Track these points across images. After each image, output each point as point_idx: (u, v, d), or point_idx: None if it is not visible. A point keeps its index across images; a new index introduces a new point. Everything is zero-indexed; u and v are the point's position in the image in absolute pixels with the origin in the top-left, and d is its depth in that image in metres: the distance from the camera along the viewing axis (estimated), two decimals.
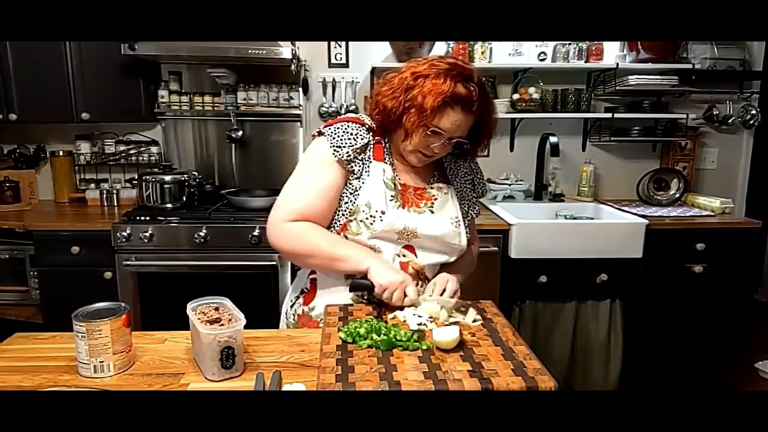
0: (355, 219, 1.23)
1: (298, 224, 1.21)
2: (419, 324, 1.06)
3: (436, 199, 1.30)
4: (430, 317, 1.09)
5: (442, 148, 1.22)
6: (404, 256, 1.26)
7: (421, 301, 1.16)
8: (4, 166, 2.73)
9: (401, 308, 1.15)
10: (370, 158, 1.26)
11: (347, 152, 1.22)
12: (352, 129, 1.24)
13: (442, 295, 1.19)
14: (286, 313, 1.38)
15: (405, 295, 1.15)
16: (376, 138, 1.28)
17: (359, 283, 1.18)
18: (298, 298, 1.35)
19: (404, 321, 1.10)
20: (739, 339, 2.61)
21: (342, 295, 1.26)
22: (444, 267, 1.34)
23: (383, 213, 1.22)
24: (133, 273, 2.27)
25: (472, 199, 1.40)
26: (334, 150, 1.22)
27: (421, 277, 1.27)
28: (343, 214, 1.25)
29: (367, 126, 1.27)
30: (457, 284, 1.23)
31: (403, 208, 1.25)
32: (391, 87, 1.21)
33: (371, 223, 1.22)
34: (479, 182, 1.43)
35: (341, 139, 1.22)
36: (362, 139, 1.24)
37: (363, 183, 1.24)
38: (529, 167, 2.88)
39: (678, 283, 2.43)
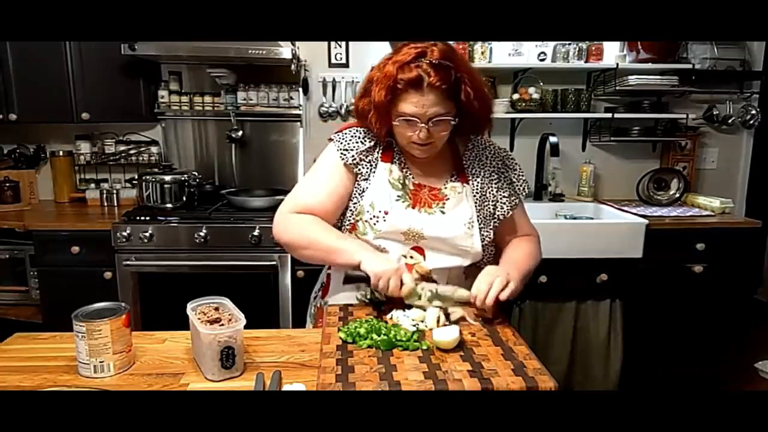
0: (361, 219, 1.25)
1: (300, 215, 1.25)
2: (414, 325, 1.07)
3: (448, 199, 1.26)
4: (422, 321, 1.09)
5: (428, 132, 1.16)
6: (411, 257, 1.25)
7: (419, 291, 1.13)
8: (4, 166, 2.72)
9: (402, 306, 1.15)
10: (377, 159, 1.28)
11: (353, 155, 1.26)
12: (359, 133, 1.29)
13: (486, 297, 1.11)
14: (310, 304, 1.46)
15: (402, 284, 1.11)
16: (387, 139, 1.29)
17: (354, 275, 1.18)
18: (319, 291, 1.41)
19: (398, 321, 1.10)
20: (739, 339, 2.60)
21: (350, 291, 1.28)
22: (469, 268, 1.28)
23: (386, 213, 1.22)
24: (133, 273, 2.27)
25: (501, 199, 1.31)
26: (341, 154, 1.26)
27: (428, 281, 1.23)
28: (352, 214, 1.27)
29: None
30: (504, 281, 1.14)
31: (413, 208, 1.25)
32: (359, 91, 1.27)
33: (375, 224, 1.23)
34: (518, 178, 1.35)
35: (348, 143, 1.27)
36: (369, 141, 1.27)
37: (369, 184, 1.26)
38: (529, 167, 2.87)
39: (678, 283, 2.43)
